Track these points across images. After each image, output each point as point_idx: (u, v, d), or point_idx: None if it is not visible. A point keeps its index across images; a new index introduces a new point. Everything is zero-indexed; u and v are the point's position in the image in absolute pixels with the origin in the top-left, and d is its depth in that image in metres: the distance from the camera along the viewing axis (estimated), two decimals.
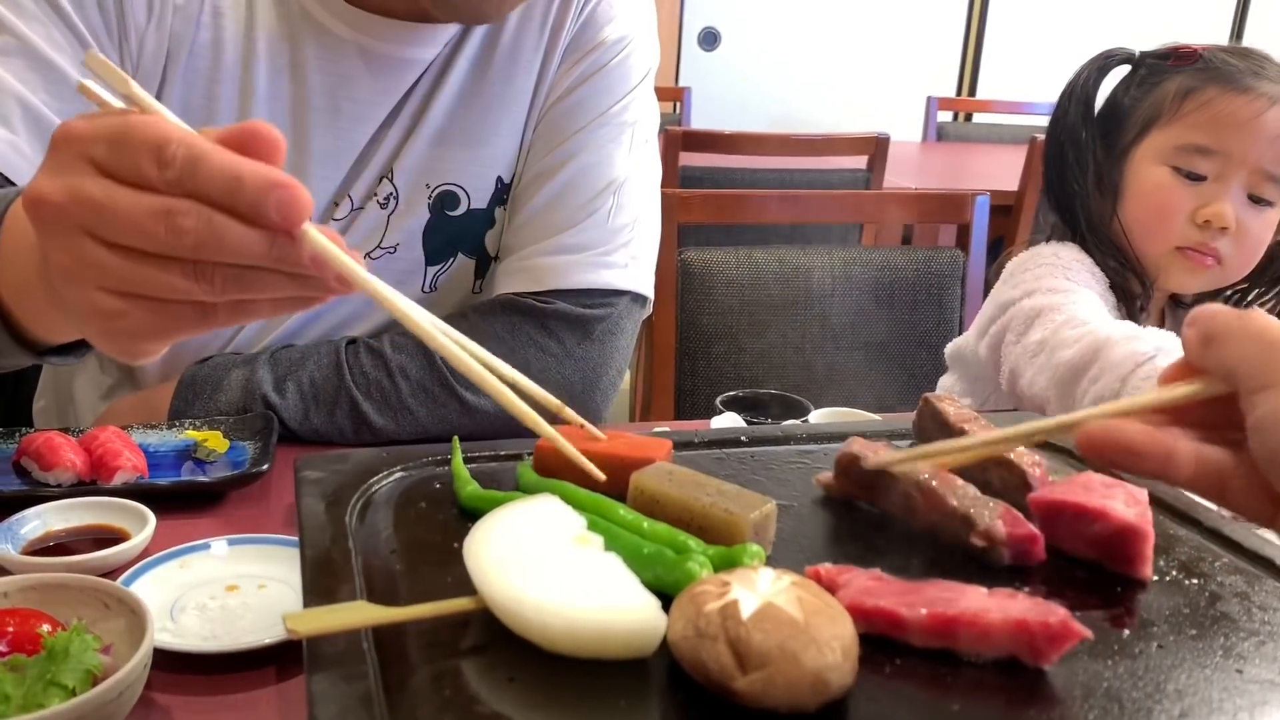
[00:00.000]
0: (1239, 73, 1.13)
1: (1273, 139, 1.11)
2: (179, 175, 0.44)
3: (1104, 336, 0.98)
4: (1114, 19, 4.33)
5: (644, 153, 1.05)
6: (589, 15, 1.01)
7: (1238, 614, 0.51)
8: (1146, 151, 1.17)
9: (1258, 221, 1.14)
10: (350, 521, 0.54)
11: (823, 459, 0.67)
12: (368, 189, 0.99)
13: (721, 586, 0.44)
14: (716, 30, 4.10)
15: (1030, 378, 1.04)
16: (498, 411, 0.96)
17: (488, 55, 0.99)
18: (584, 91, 1.01)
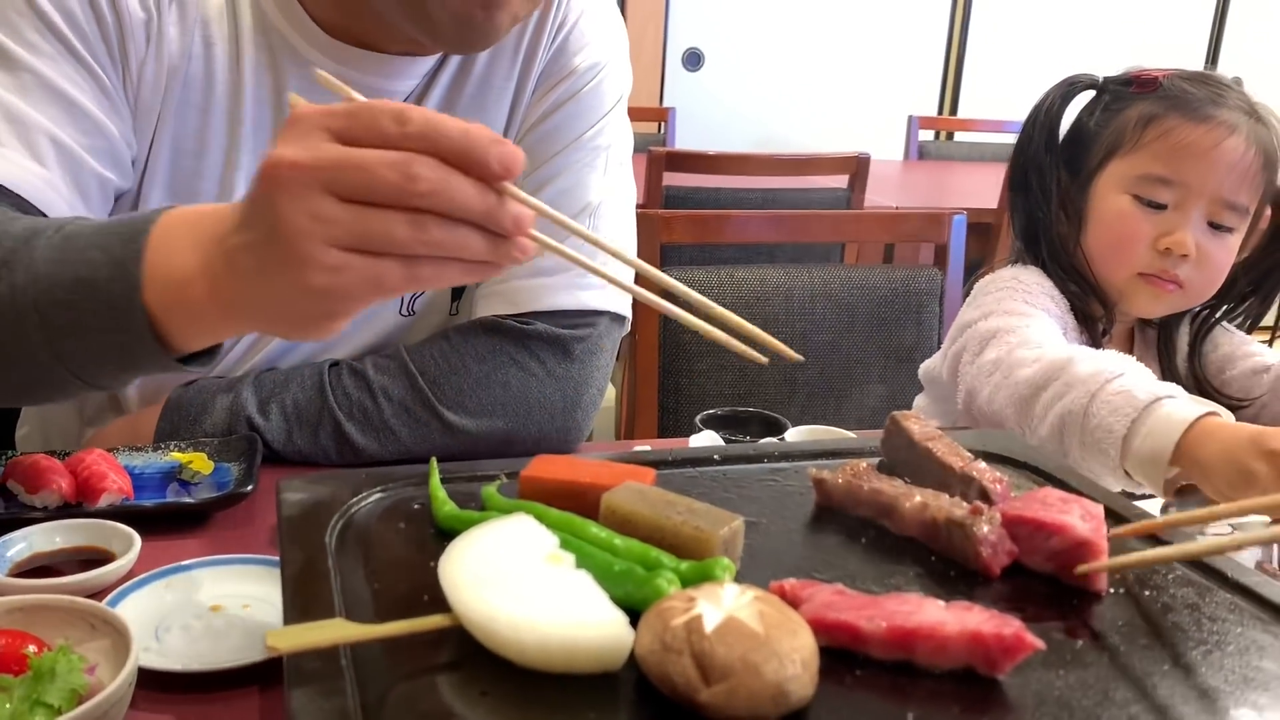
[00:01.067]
0: (1199, 101, 1.14)
1: (1230, 168, 1.13)
2: (420, 130, 0.52)
3: (1065, 356, 0.99)
4: (1092, 39, 4.38)
5: (619, 175, 1.07)
6: (562, 43, 1.03)
7: (1188, 624, 0.53)
8: (1109, 178, 1.19)
9: (1218, 248, 1.16)
10: (330, 541, 0.55)
11: (794, 476, 0.69)
12: None
13: (687, 602, 0.46)
14: (700, 51, 4.14)
15: (988, 395, 1.05)
16: (479, 432, 0.98)
17: (460, 84, 1.01)
18: (558, 118, 1.03)
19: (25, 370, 0.68)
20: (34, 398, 0.77)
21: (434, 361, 0.98)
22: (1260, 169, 1.14)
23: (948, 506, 0.60)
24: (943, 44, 4.36)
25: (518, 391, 0.98)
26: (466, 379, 0.97)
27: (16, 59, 0.84)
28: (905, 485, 0.63)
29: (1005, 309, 1.13)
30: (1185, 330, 1.27)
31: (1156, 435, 0.88)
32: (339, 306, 0.56)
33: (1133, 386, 0.92)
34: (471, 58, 1.01)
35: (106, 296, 0.63)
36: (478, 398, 0.97)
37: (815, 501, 0.65)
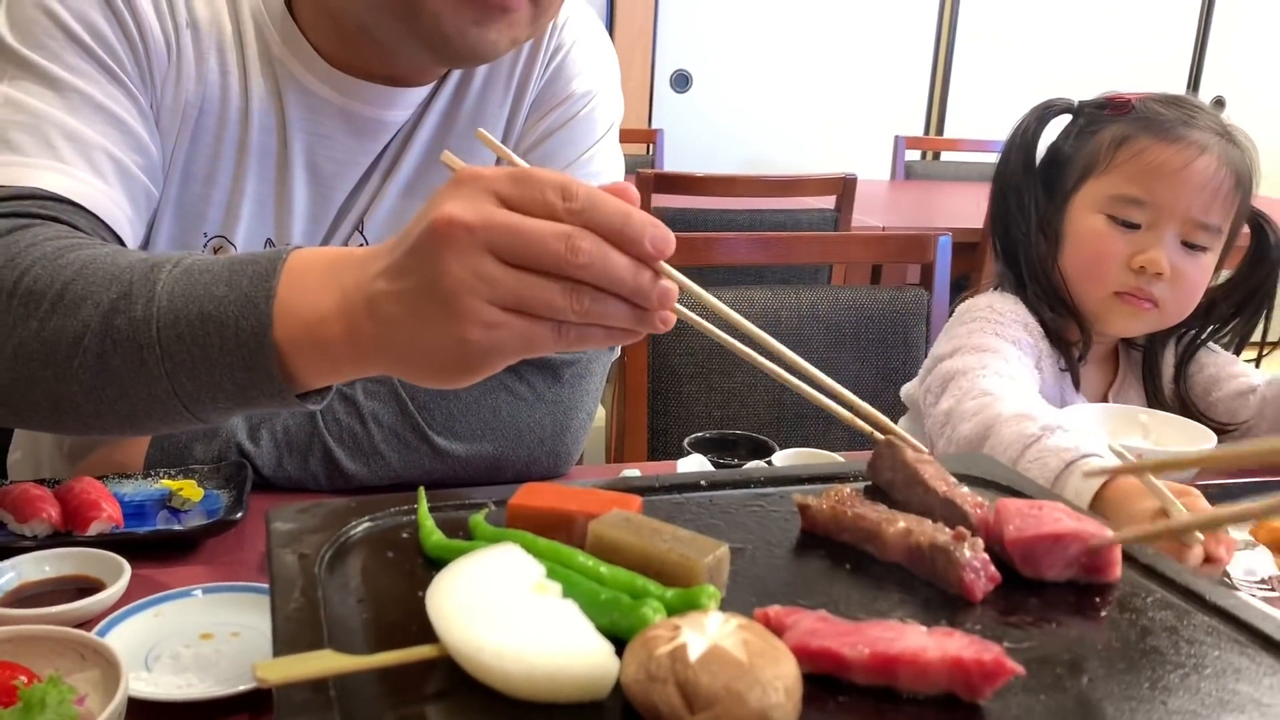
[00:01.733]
0: (1170, 122, 1.17)
1: (1201, 188, 1.15)
2: (582, 206, 0.56)
3: (994, 414, 1.00)
4: (1076, 61, 4.43)
5: None
6: (555, 69, 1.04)
7: (1166, 648, 0.54)
8: (1084, 199, 1.21)
9: (1192, 266, 1.18)
10: (319, 571, 0.56)
11: (780, 502, 0.70)
12: (341, 242, 1.02)
13: (672, 630, 0.46)
14: (688, 73, 4.17)
15: (941, 448, 1.07)
16: (469, 456, 0.98)
17: (454, 110, 1.03)
18: (551, 144, 1.04)
19: (137, 403, 0.69)
20: (139, 429, 0.77)
21: (423, 387, 0.98)
22: (1232, 189, 1.16)
23: (931, 532, 0.60)
24: (928, 65, 4.39)
25: (507, 416, 0.99)
26: (456, 404, 0.98)
27: (62, 80, 0.85)
28: (889, 511, 0.64)
29: (974, 344, 1.14)
30: (1170, 352, 1.28)
31: (1071, 499, 0.82)
32: (487, 361, 0.59)
33: (1046, 453, 0.92)
34: (465, 86, 1.02)
35: (235, 333, 0.64)
36: (467, 422, 0.98)
37: (800, 527, 0.66)
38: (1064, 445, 0.92)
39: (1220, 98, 4.69)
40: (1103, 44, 4.48)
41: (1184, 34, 4.61)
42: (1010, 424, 0.97)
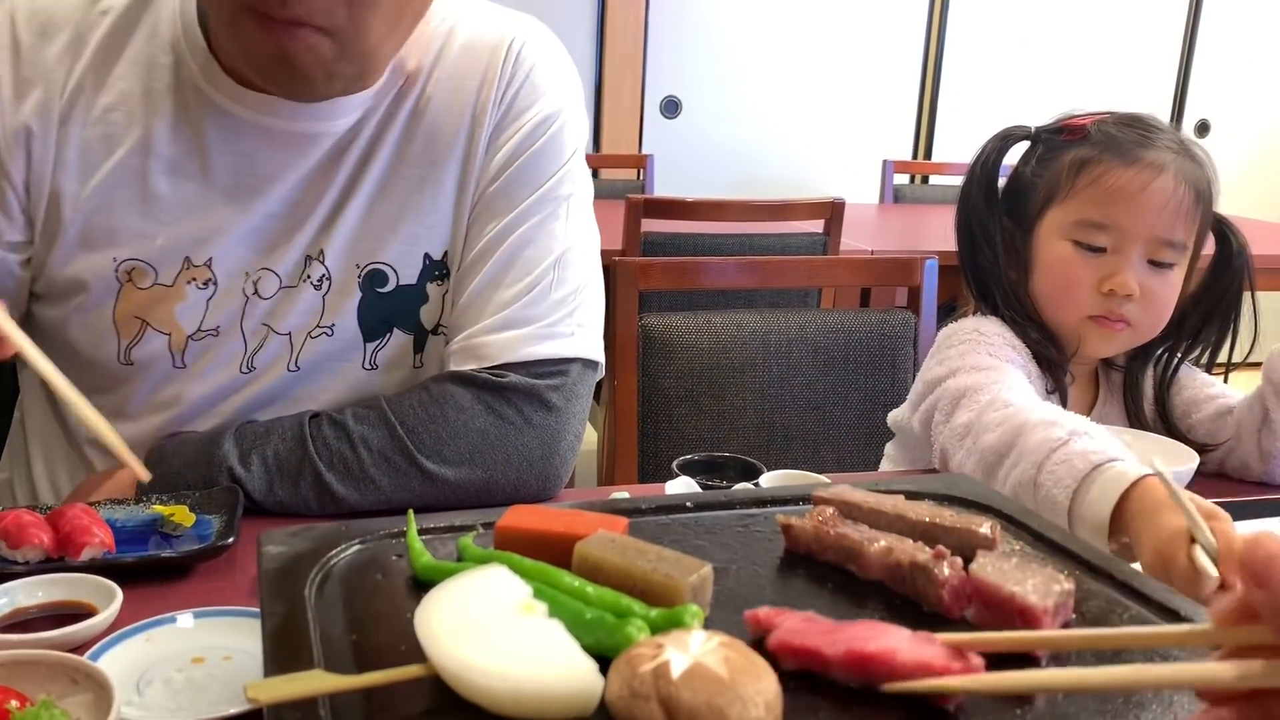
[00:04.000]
0: (1127, 144, 1.17)
1: (1161, 208, 1.15)
2: None
3: (1021, 422, 1.00)
4: (1061, 84, 4.47)
5: (581, 223, 1.09)
6: (516, 94, 1.05)
7: (1140, 662, 0.54)
8: (1049, 226, 1.21)
9: (1161, 284, 1.19)
10: (310, 594, 0.56)
11: (764, 522, 0.71)
12: (295, 268, 1.03)
13: (656, 649, 0.47)
14: (678, 99, 4.20)
15: (959, 460, 1.06)
16: (459, 480, 0.99)
17: (410, 136, 1.03)
18: (517, 170, 1.05)
19: None
20: None
21: (413, 411, 0.99)
22: (1193, 204, 1.17)
23: (911, 551, 0.61)
24: (916, 90, 4.44)
25: (496, 440, 1.00)
26: (445, 428, 0.99)
27: None
28: (870, 530, 0.65)
29: (971, 364, 1.15)
30: (1150, 373, 1.29)
31: (1095, 503, 0.88)
32: None
33: (1073, 456, 0.92)
34: (423, 108, 1.03)
35: None
36: (456, 446, 0.99)
37: (784, 547, 0.67)
38: (1091, 449, 0.92)
39: (1205, 121, 4.75)
40: (1088, 68, 4.53)
41: (1168, 58, 4.67)
42: (1037, 430, 0.97)
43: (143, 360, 1.02)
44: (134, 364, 1.02)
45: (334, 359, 1.05)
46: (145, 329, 1.01)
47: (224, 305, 1.02)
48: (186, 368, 1.03)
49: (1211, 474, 1.23)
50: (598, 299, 1.10)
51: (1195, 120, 4.74)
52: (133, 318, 1.01)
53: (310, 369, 1.05)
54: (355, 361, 1.06)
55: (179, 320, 1.01)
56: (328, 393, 1.05)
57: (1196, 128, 4.74)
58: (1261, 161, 4.82)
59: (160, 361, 1.03)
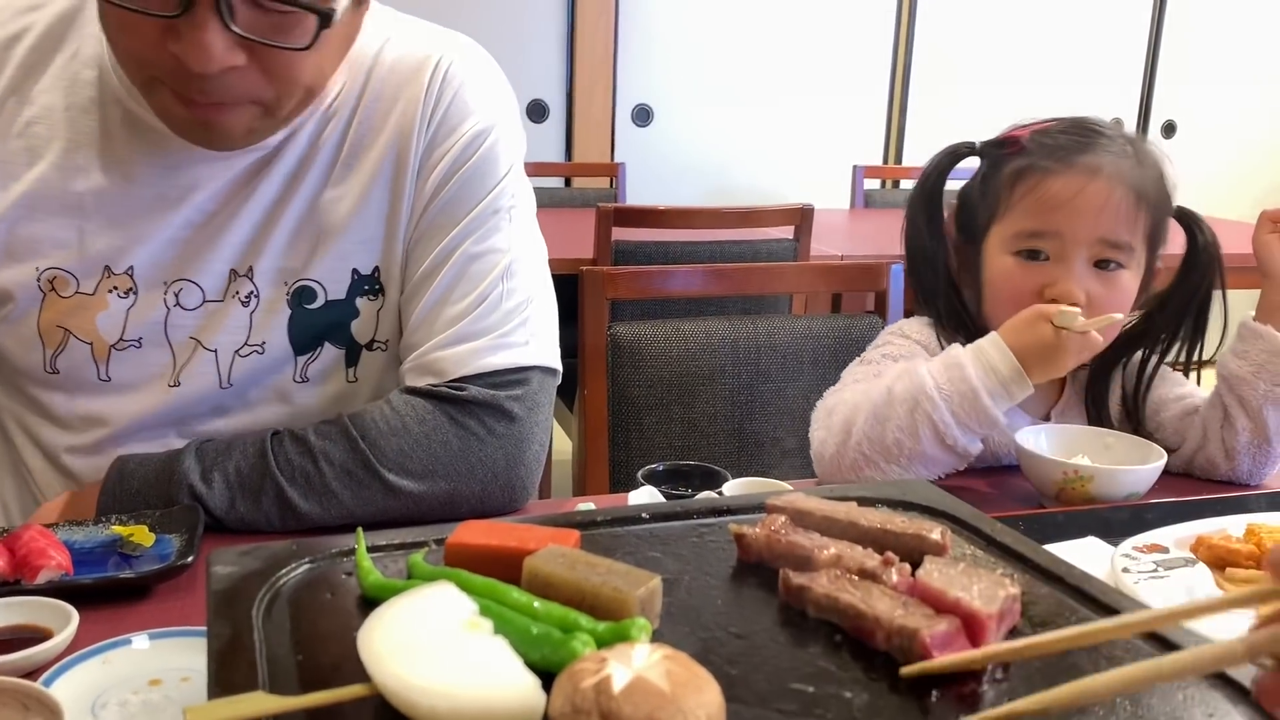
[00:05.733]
0: (1061, 151, 1.17)
1: (1099, 211, 1.14)
2: None
3: (876, 394, 1.12)
4: (1031, 89, 4.51)
5: (525, 233, 1.10)
6: (445, 113, 1.05)
7: (1086, 665, 0.55)
8: (994, 242, 1.21)
9: (1109, 288, 1.17)
10: (257, 614, 0.56)
11: (719, 532, 0.71)
12: (221, 284, 1.03)
13: (599, 663, 0.47)
14: (650, 107, 4.21)
15: (821, 438, 1.17)
16: (422, 493, 0.99)
17: (338, 155, 1.04)
18: (455, 188, 1.05)
19: None
20: None
21: (374, 424, 0.99)
22: (1133, 205, 1.16)
23: (860, 557, 0.62)
24: (885, 95, 4.46)
25: (458, 451, 1.00)
26: (407, 440, 0.99)
27: None
28: (821, 538, 0.65)
29: (851, 376, 1.24)
30: (1119, 375, 1.29)
31: (995, 364, 1.07)
32: None
33: (939, 366, 1.10)
34: (355, 119, 1.04)
35: None
36: (419, 459, 0.99)
37: (737, 556, 0.67)
38: (943, 359, 1.11)
39: (1171, 122, 4.79)
40: (1056, 71, 4.56)
41: (1134, 60, 4.71)
42: (898, 381, 1.10)
43: (67, 370, 1.03)
44: (59, 373, 1.03)
45: (266, 375, 1.06)
46: (68, 338, 1.02)
47: (145, 315, 1.02)
48: (111, 380, 1.03)
49: (1180, 473, 1.24)
50: (549, 307, 1.11)
51: (1162, 121, 4.79)
52: (56, 327, 1.02)
53: (242, 386, 1.05)
54: (286, 375, 1.06)
55: (100, 330, 1.02)
56: (262, 408, 1.06)
57: (1163, 129, 4.79)
58: (1227, 161, 4.87)
59: (84, 371, 1.03)
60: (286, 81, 0.90)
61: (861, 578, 0.60)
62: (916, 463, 1.09)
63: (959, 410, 1.07)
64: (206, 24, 0.82)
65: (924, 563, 0.60)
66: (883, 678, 0.54)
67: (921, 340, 1.24)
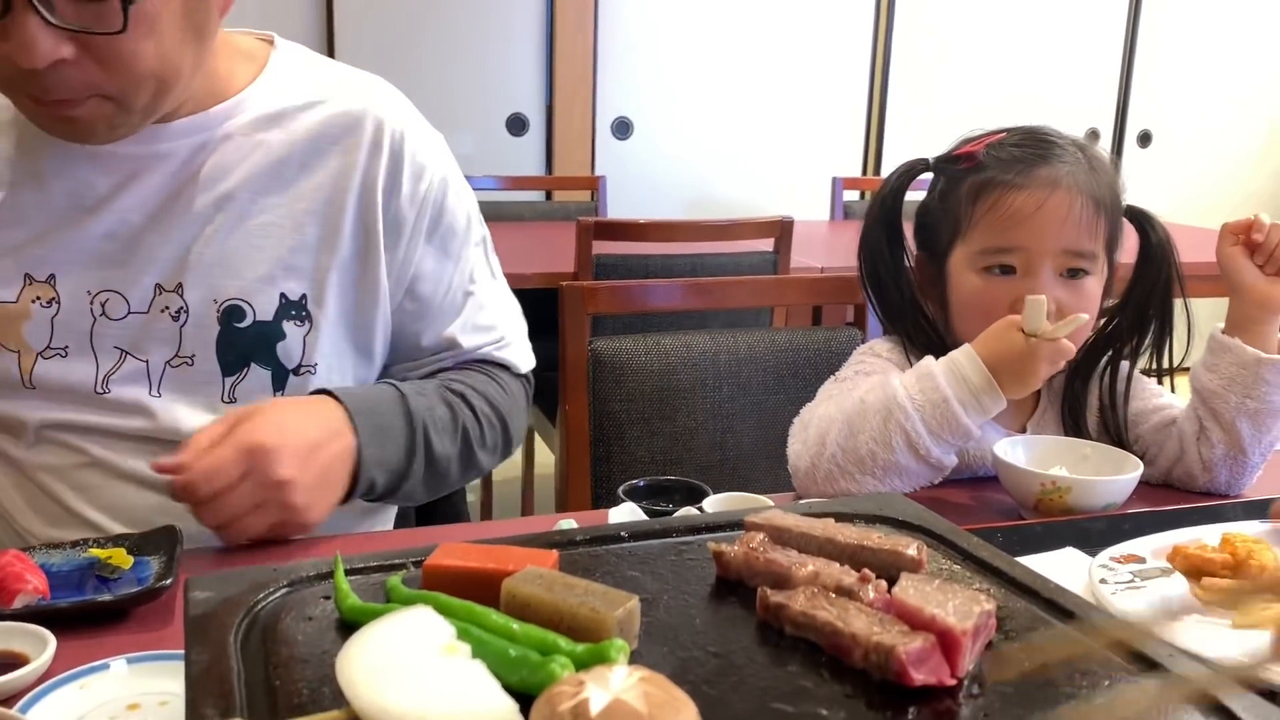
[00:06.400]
0: (1018, 165, 1.18)
1: (1062, 222, 1.16)
2: None
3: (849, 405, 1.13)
4: (1008, 98, 4.54)
5: (494, 260, 1.26)
6: (408, 165, 1.12)
7: (1060, 679, 0.56)
8: (958, 259, 1.22)
9: (1077, 295, 1.18)
10: (234, 639, 0.56)
11: (699, 549, 0.71)
12: (146, 295, 1.05)
13: (576, 686, 0.48)
14: (630, 120, 4.23)
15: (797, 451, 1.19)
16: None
17: (271, 184, 1.07)
18: (442, 233, 1.16)
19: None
20: None
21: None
22: (1094, 214, 1.17)
23: (838, 574, 0.62)
24: (864, 107, 4.49)
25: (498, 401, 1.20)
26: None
27: None
28: (799, 555, 0.65)
29: (826, 393, 1.25)
30: (1096, 385, 1.30)
31: (967, 375, 1.08)
32: None
33: (916, 378, 1.11)
34: (284, 158, 1.08)
35: None
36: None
37: (716, 574, 0.67)
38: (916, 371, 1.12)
39: (1147, 131, 4.84)
40: (1033, 82, 4.60)
41: (1110, 73, 4.76)
42: (870, 393, 1.12)
43: None
44: None
45: (195, 388, 1.08)
46: None
47: (71, 325, 1.04)
48: (36, 389, 1.05)
49: (1159, 484, 1.25)
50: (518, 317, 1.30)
51: (1138, 131, 4.83)
52: None
53: (172, 396, 1.07)
54: (213, 395, 1.08)
55: (27, 339, 1.04)
56: (191, 420, 1.07)
57: (1139, 139, 4.83)
58: (1203, 170, 4.92)
59: (8, 380, 1.04)
60: (125, 70, 0.92)
61: (838, 595, 0.60)
62: (891, 474, 1.09)
63: (931, 420, 1.07)
64: (26, 21, 0.85)
65: (900, 579, 0.61)
66: (860, 695, 0.54)
67: (894, 360, 1.25)
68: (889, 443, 1.08)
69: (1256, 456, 1.20)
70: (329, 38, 3.75)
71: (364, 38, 3.78)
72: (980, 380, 1.07)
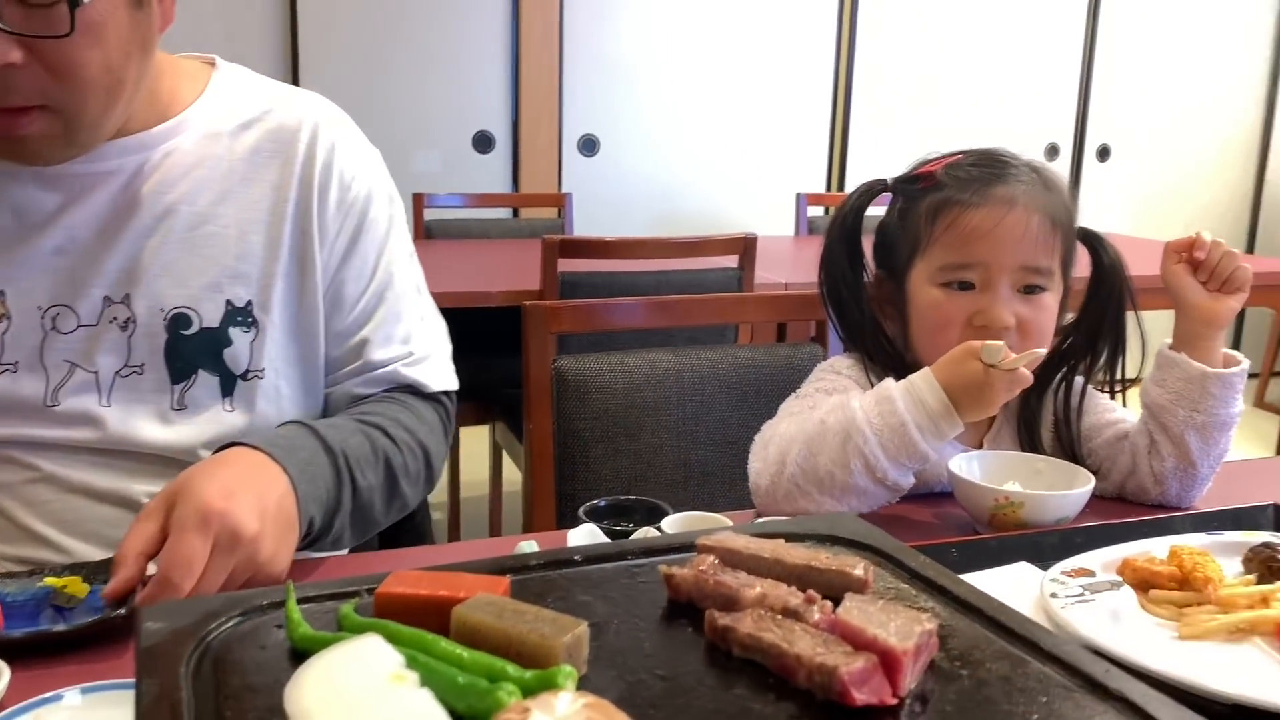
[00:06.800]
0: (976, 183, 1.21)
1: (1019, 239, 1.19)
2: None
3: (811, 426, 1.14)
4: (968, 111, 4.61)
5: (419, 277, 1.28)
6: (336, 175, 1.15)
7: (999, 697, 0.57)
8: (918, 277, 1.25)
9: (1035, 309, 1.21)
10: (186, 669, 0.56)
11: (652, 572, 0.72)
12: (97, 309, 1.07)
13: (522, 713, 0.48)
14: (596, 137, 4.25)
15: (757, 469, 1.21)
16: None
17: (216, 194, 1.10)
18: (365, 242, 1.17)
19: None
20: None
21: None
22: (1050, 231, 1.21)
23: (784, 595, 0.63)
24: (827, 123, 4.53)
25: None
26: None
27: None
28: (748, 577, 0.66)
29: (787, 410, 1.26)
30: (1051, 401, 1.32)
31: (925, 400, 1.09)
32: None
33: (870, 400, 1.12)
34: (227, 171, 1.11)
35: None
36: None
37: (668, 596, 0.68)
38: (870, 396, 1.13)
39: (1106, 146, 4.91)
40: (994, 97, 4.67)
41: (1069, 88, 4.83)
42: (830, 414, 1.13)
43: None
44: None
45: (145, 396, 1.09)
46: None
47: (22, 340, 1.05)
48: None
49: (1112, 498, 1.27)
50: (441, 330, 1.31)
51: (1096, 145, 4.91)
52: None
53: (122, 406, 1.08)
54: (163, 403, 1.09)
55: None
56: (142, 429, 1.08)
57: (1098, 153, 4.91)
58: (1161, 184, 5.00)
59: None
60: (72, 78, 0.94)
61: (785, 616, 0.61)
62: (849, 495, 1.11)
63: (889, 444, 1.09)
64: None
65: (844, 600, 0.62)
66: (804, 716, 0.55)
67: (854, 376, 1.27)
68: (847, 465, 1.10)
69: (1205, 469, 1.22)
70: (294, 57, 3.75)
71: (330, 56, 3.79)
72: (938, 406, 1.09)
